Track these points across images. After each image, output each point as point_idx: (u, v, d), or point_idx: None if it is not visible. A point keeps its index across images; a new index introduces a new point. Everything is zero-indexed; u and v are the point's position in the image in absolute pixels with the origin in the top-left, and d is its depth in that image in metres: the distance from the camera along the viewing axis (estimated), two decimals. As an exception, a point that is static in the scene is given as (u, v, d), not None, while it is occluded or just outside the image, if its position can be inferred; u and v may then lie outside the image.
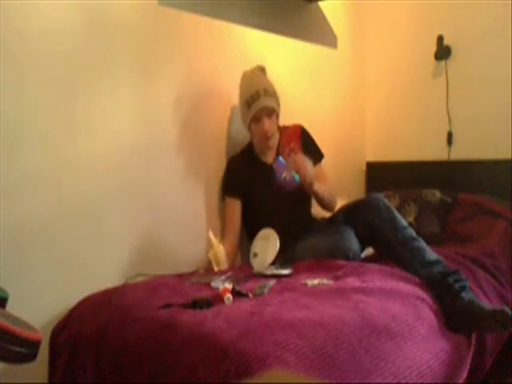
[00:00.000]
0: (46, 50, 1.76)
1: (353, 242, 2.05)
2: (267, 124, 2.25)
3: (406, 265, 1.94)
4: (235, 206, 2.33)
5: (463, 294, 1.80)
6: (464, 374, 1.67)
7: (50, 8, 1.77)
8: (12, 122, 1.68)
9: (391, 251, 2.02)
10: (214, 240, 2.06)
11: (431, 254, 1.97)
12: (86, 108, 1.87)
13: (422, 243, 2.00)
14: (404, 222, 2.06)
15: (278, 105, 2.32)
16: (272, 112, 2.27)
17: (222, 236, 2.30)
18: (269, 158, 2.38)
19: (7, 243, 1.66)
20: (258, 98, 2.23)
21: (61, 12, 1.80)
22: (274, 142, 2.36)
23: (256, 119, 2.26)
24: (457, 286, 1.83)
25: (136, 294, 1.73)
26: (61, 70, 1.80)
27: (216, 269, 2.03)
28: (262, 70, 2.36)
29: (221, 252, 2.03)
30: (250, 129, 2.32)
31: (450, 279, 1.85)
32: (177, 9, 2.17)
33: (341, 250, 2.01)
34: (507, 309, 1.71)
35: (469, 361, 1.72)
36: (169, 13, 2.14)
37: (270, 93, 2.27)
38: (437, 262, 1.93)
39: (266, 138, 2.28)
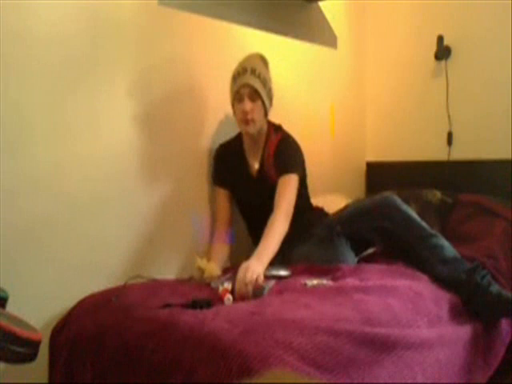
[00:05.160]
0: (44, 51, 1.75)
1: (348, 256, 2.04)
2: (249, 105, 2.07)
3: (424, 264, 1.93)
4: (224, 196, 2.27)
5: (491, 289, 1.81)
6: (466, 370, 1.68)
7: (48, 8, 1.76)
8: (10, 125, 1.67)
9: (408, 251, 2.00)
10: (201, 262, 1.99)
11: (450, 250, 1.95)
12: (83, 110, 1.86)
13: (441, 240, 1.98)
14: (419, 221, 2.02)
15: (267, 92, 2.13)
16: (255, 94, 2.08)
17: (214, 224, 2.27)
18: (255, 159, 2.23)
19: (7, 243, 1.66)
20: (243, 75, 2.08)
21: (59, 13, 1.79)
22: (261, 138, 2.20)
23: (239, 98, 2.10)
24: (484, 282, 1.83)
25: (136, 294, 1.73)
26: (59, 71, 1.79)
27: None
28: (263, 58, 2.21)
29: (214, 269, 1.99)
30: (233, 110, 2.17)
31: (477, 277, 1.84)
32: (177, 9, 2.16)
33: (335, 264, 2.00)
34: None
35: (472, 355, 1.73)
36: (169, 13, 2.14)
37: (258, 74, 2.09)
38: (456, 260, 1.92)
39: (246, 120, 2.09)
